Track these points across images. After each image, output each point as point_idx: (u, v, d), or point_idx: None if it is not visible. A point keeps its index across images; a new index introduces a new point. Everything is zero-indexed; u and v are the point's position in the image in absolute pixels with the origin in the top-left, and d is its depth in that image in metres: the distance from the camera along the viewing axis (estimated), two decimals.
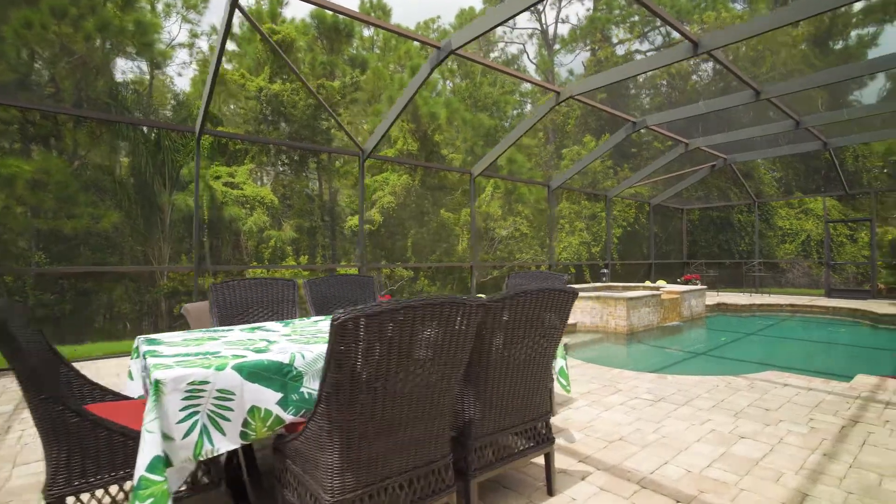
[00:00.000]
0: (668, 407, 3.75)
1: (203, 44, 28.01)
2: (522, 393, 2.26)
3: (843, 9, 31.34)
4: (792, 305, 11.78)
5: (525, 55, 34.26)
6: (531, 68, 33.55)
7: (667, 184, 16.11)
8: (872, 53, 31.20)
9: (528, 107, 28.47)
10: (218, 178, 14.74)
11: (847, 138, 11.61)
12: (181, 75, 40.36)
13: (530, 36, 34.16)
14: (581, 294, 8.87)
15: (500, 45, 34.10)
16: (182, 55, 25.69)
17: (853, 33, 31.44)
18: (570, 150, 19.38)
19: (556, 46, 31.46)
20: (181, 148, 13.64)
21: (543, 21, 33.25)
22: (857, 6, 27.91)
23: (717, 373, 4.97)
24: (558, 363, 3.09)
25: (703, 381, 4.56)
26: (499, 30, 32.76)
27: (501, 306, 2.00)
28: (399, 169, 15.99)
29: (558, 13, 33.09)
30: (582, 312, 8.76)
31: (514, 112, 24.69)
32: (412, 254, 15.66)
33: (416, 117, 14.96)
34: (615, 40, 27.60)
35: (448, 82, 24.36)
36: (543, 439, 2.39)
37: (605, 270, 12.27)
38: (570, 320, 8.79)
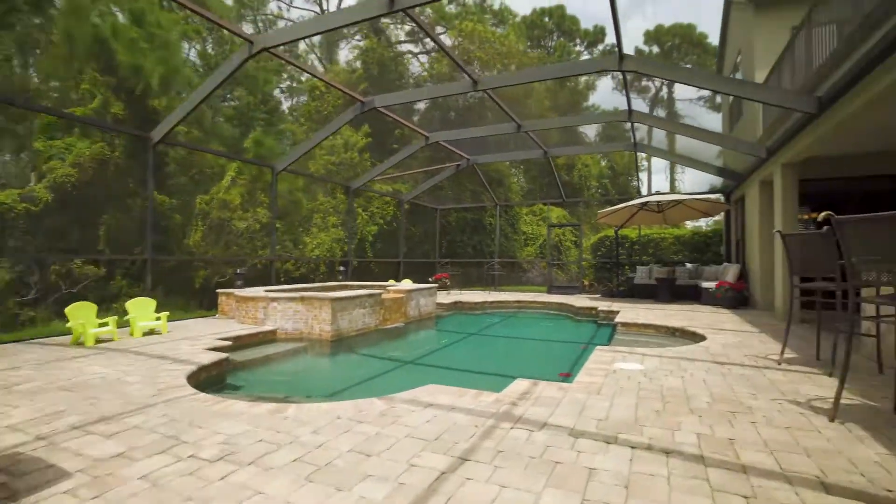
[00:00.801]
0: (223, 469, 2.33)
1: None
2: None
3: (573, 59, 37.56)
4: (518, 302, 12.47)
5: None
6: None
7: (422, 181, 16.02)
8: (592, 97, 38.29)
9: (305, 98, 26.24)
10: None
11: (561, 149, 12.89)
12: None
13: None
14: (280, 295, 7.29)
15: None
16: None
17: (581, 79, 38.08)
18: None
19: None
20: None
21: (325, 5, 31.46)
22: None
23: (415, 383, 3.93)
24: None
25: (333, 408, 3.36)
26: None
27: None
28: (95, 134, 12.09)
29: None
30: (283, 317, 7.19)
31: (279, 91, 22.17)
32: (106, 245, 11.96)
33: (112, 67, 11.42)
34: (392, 39, 27.49)
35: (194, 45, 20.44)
36: None
37: (342, 268, 11.07)
38: (269, 326, 7.14)
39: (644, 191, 35.43)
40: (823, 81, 6.01)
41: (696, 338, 6.80)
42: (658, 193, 11.27)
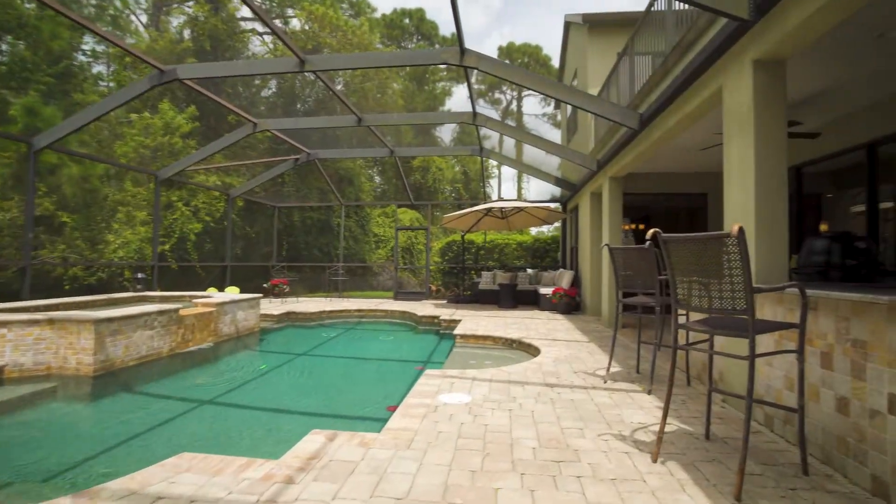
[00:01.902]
0: None
1: None
2: None
3: (432, 67, 38.13)
4: (360, 311, 11.55)
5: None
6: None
7: (257, 175, 14.15)
8: (449, 102, 39.20)
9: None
10: None
11: (407, 149, 12.34)
12: None
13: None
14: (13, 317, 5.30)
15: None
16: None
17: (439, 84, 38.76)
18: (139, 116, 14.95)
19: None
20: None
21: None
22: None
23: (198, 437, 2.71)
24: None
25: None
26: None
27: None
28: None
29: None
30: (18, 347, 5.23)
31: (86, 55, 17.92)
32: None
33: None
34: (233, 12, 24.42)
35: None
36: None
37: (141, 275, 8.96)
38: None
39: (494, 197, 37.35)
40: (644, 101, 6.23)
41: (531, 350, 6.63)
42: (501, 200, 11.34)
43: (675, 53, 4.98)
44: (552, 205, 13.94)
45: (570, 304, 10.39)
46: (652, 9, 6.23)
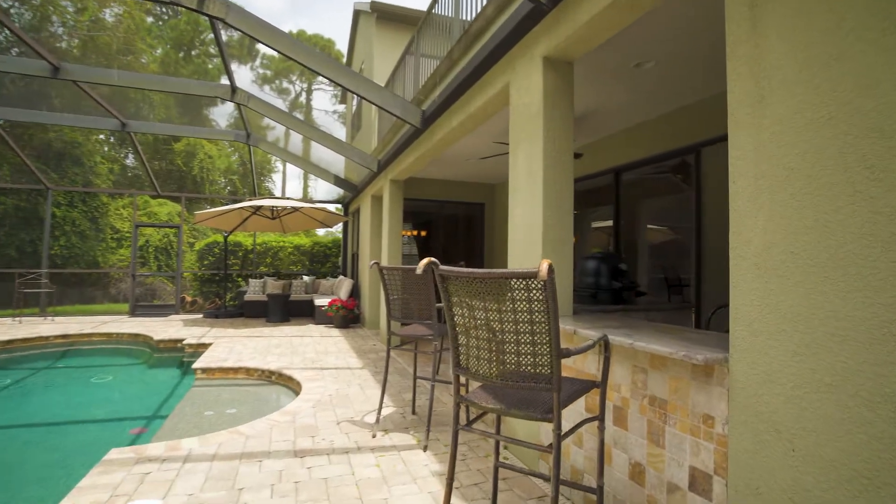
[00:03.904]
0: None
1: None
2: None
3: (203, 37, 32.85)
4: (66, 336, 8.37)
5: None
6: None
7: None
8: (224, 80, 34.45)
9: None
10: None
11: (145, 124, 9.61)
12: None
13: None
14: None
15: None
16: None
17: (215, 60, 33.71)
18: None
19: None
20: None
21: None
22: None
23: None
24: None
25: None
26: None
27: None
28: None
29: None
30: None
31: None
32: None
33: None
34: None
35: None
36: None
37: None
38: None
39: (277, 194, 34.18)
40: (428, 96, 5.62)
41: (293, 385, 5.35)
42: (272, 197, 9.68)
43: (461, 44, 4.39)
44: (332, 206, 12.80)
45: (347, 318, 9.39)
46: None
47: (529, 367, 1.70)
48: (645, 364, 2.16)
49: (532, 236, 3.13)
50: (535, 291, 1.60)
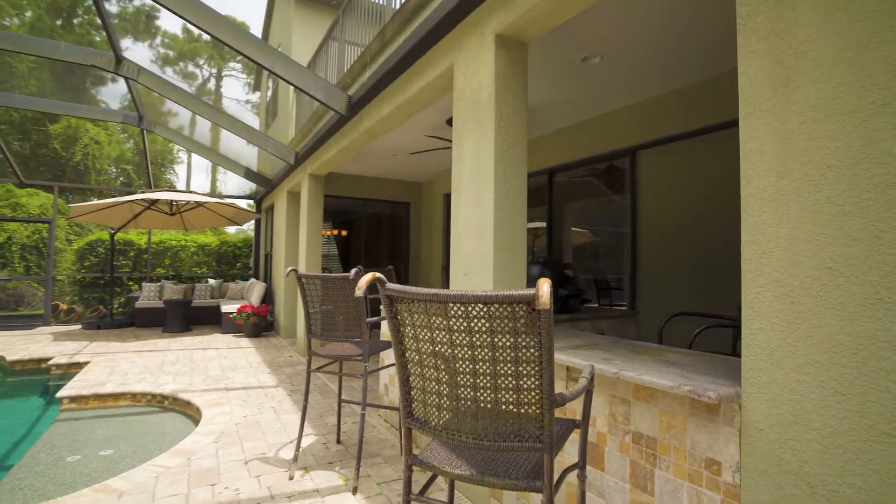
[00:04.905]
0: None
1: None
2: None
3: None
4: None
5: None
6: None
7: None
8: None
9: None
10: None
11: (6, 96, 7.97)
12: None
13: None
14: None
15: None
16: None
17: (103, 32, 29.94)
18: None
19: None
20: None
21: None
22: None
23: None
24: None
25: None
26: None
27: None
28: None
29: None
30: None
31: None
32: None
33: None
34: None
35: None
36: None
37: None
38: None
39: (181, 187, 31.06)
40: (356, 80, 5.04)
41: (191, 411, 4.53)
42: (171, 190, 8.49)
43: (395, 21, 3.89)
44: (242, 202, 11.66)
45: (259, 325, 8.46)
46: None
47: (511, 420, 1.27)
48: (627, 395, 1.83)
49: (480, 239, 2.72)
50: (523, 321, 1.17)
